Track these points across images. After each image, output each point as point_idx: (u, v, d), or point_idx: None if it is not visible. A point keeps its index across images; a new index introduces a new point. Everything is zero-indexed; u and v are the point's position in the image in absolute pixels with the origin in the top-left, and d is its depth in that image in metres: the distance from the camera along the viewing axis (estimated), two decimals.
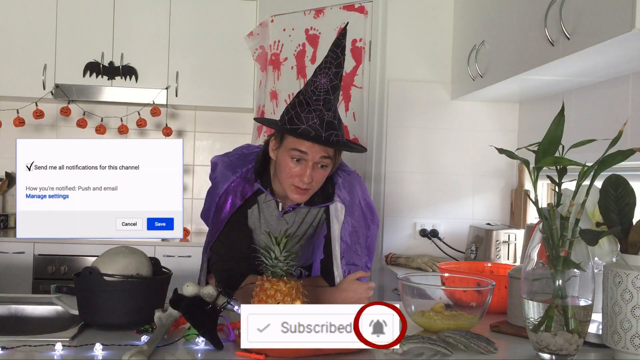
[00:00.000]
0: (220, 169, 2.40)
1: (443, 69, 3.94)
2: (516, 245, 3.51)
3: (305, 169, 2.17)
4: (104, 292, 1.88)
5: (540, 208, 1.70)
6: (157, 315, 1.80)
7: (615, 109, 2.85)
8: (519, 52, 2.91)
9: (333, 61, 2.19)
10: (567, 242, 1.64)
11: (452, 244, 3.90)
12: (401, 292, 2.04)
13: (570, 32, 2.37)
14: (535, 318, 1.69)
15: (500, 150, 1.81)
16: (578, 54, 2.38)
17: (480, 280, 2.11)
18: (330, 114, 2.13)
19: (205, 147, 5.13)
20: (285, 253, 1.76)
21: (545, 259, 1.69)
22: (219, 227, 2.33)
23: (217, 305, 1.80)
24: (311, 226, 2.38)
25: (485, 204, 3.98)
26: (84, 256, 4.23)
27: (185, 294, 1.81)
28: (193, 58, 4.70)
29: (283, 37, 4.31)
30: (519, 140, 3.91)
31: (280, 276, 1.74)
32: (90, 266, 1.93)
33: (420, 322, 1.98)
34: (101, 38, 4.63)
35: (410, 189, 3.94)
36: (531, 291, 1.72)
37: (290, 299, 1.70)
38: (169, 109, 4.86)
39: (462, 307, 2.04)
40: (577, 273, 1.67)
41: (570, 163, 1.63)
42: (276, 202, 2.34)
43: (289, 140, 2.17)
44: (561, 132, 1.67)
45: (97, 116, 4.82)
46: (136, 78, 4.65)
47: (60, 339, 1.73)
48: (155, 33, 4.68)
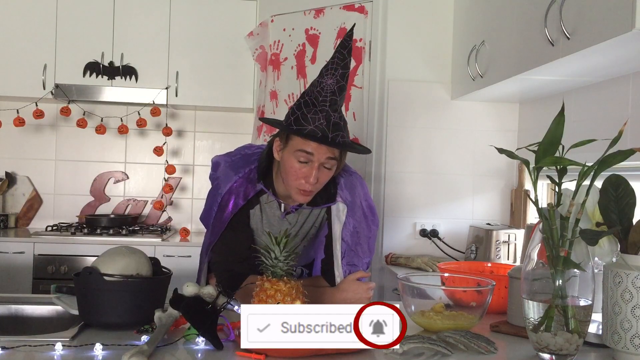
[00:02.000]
0: (222, 169, 2.39)
1: (443, 69, 3.95)
2: (516, 245, 3.51)
3: (312, 170, 2.17)
4: (103, 292, 1.87)
5: (540, 208, 1.70)
6: (157, 315, 1.80)
7: (615, 109, 2.85)
8: (519, 52, 2.91)
9: (340, 62, 2.17)
10: (567, 242, 1.64)
11: (452, 243, 3.90)
12: (401, 292, 2.04)
13: (571, 32, 2.37)
14: (535, 318, 1.70)
15: (500, 150, 1.81)
16: (578, 53, 2.38)
17: (480, 280, 2.11)
18: (336, 115, 2.13)
19: (205, 147, 5.13)
20: (285, 253, 1.76)
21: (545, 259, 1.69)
22: (221, 227, 2.32)
23: (217, 305, 1.80)
24: (313, 226, 2.38)
25: (485, 204, 3.98)
26: (84, 256, 4.23)
27: (185, 294, 1.81)
28: (193, 58, 4.70)
29: (283, 37, 4.31)
30: (519, 140, 3.92)
31: (280, 276, 1.74)
32: (90, 266, 1.93)
33: (420, 322, 1.98)
34: (101, 38, 4.63)
35: (411, 189, 3.94)
36: (531, 291, 1.72)
37: (290, 299, 1.70)
38: (169, 109, 4.86)
39: (462, 307, 2.04)
40: (577, 273, 1.67)
41: (571, 163, 1.63)
42: (278, 202, 2.34)
43: (295, 141, 2.17)
44: (561, 132, 1.67)
45: (97, 116, 4.82)
46: (136, 78, 4.64)
47: (60, 339, 1.73)
48: (155, 33, 4.68)
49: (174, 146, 5.07)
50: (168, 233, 4.71)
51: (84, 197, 5.02)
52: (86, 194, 5.02)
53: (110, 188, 5.06)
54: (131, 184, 5.10)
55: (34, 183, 4.99)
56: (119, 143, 5.06)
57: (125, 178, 5.08)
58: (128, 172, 5.09)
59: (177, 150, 5.10)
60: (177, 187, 5.06)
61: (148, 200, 5.08)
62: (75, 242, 4.30)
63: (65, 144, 5.02)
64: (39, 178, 5.01)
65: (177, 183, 5.07)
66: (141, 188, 5.10)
